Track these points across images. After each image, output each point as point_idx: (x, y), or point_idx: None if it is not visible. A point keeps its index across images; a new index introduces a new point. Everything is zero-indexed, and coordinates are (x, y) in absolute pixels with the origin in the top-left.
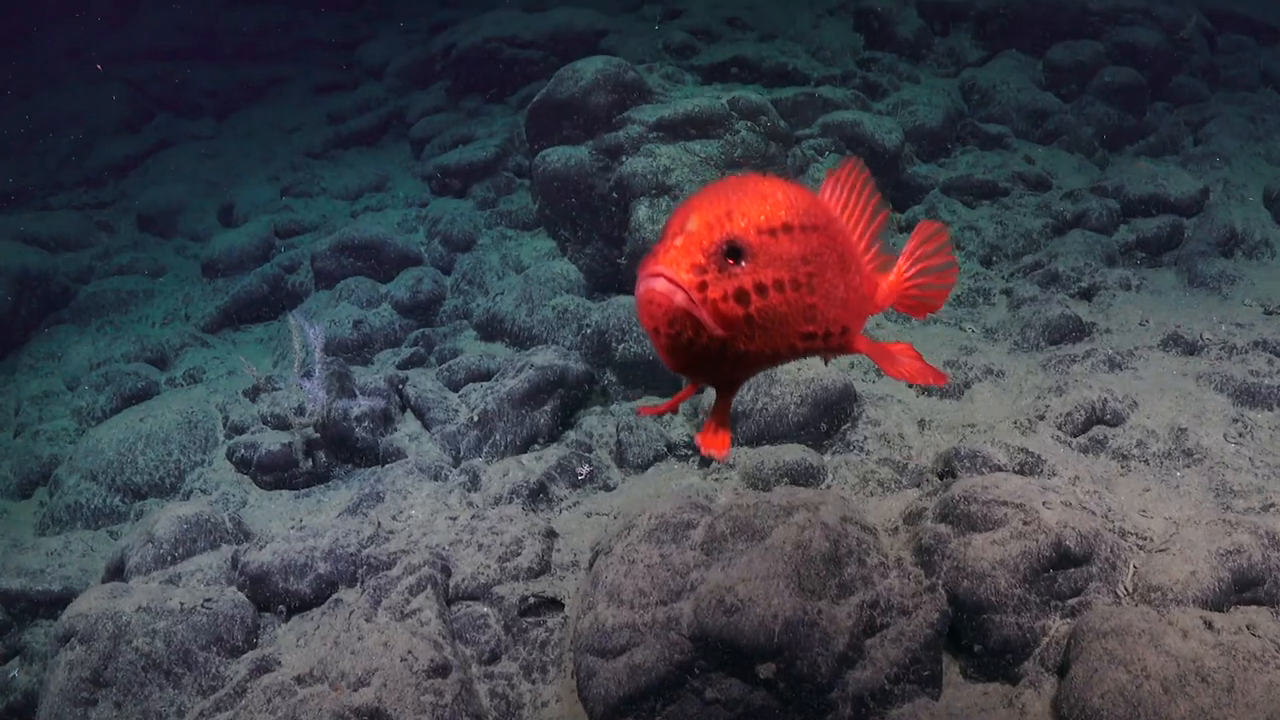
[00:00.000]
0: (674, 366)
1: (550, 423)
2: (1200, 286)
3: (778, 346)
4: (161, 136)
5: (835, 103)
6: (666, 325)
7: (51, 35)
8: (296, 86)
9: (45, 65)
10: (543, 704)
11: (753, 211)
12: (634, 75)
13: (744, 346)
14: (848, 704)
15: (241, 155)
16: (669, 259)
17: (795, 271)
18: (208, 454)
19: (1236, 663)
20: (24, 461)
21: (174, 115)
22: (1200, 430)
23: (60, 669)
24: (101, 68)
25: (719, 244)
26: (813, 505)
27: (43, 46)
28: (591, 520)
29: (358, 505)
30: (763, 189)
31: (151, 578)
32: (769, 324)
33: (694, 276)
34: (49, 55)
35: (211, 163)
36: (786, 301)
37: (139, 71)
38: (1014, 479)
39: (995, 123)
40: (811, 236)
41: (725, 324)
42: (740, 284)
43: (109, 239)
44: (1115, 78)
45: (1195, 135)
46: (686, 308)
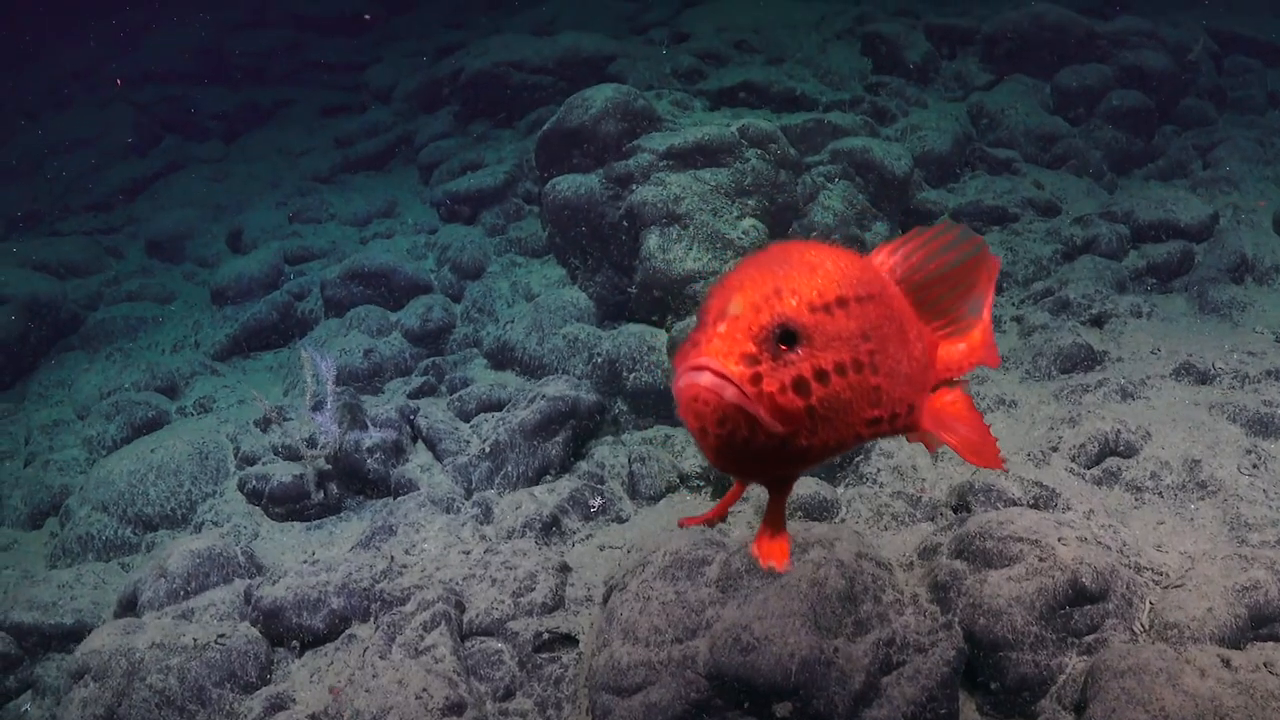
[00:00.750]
0: (724, 468)
1: (562, 453)
2: (1211, 313)
3: (842, 436)
4: (169, 159)
5: (844, 129)
6: (716, 425)
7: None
8: (303, 109)
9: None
10: None
11: (803, 287)
12: (643, 103)
13: (806, 442)
14: None
15: (249, 179)
16: (714, 349)
17: (856, 351)
18: (219, 485)
19: (1255, 702)
20: (35, 491)
21: (182, 138)
22: (1214, 462)
23: (74, 706)
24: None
25: (770, 328)
26: (828, 542)
27: (49, 69)
28: (605, 554)
29: (370, 539)
30: (809, 259)
31: (164, 613)
32: (833, 414)
33: (745, 368)
34: (55, 78)
35: (219, 186)
36: (850, 386)
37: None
38: (1029, 514)
39: (1004, 147)
40: (869, 308)
41: (785, 419)
42: (799, 372)
43: (118, 265)
44: (1123, 101)
45: (1204, 159)
46: (740, 404)
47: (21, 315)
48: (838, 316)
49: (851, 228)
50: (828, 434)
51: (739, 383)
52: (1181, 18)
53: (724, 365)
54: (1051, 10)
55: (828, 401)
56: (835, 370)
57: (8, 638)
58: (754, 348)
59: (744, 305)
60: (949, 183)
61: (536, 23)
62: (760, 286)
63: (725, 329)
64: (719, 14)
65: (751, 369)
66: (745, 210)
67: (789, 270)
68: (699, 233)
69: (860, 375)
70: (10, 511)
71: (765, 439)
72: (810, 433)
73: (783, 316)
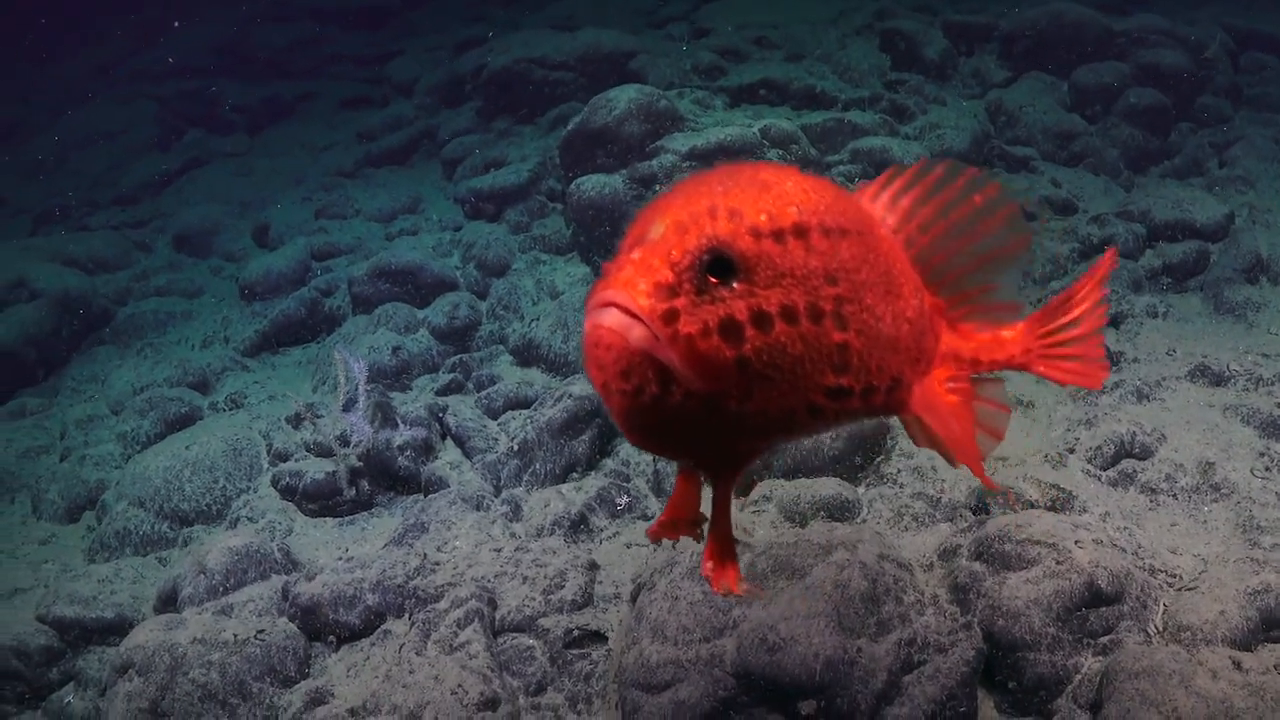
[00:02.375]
0: (639, 441)
1: (588, 451)
2: (1227, 314)
3: (790, 406)
4: (193, 154)
5: (864, 128)
6: (619, 378)
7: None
8: (325, 103)
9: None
10: None
11: (748, 207)
12: (666, 104)
13: (737, 406)
14: None
15: (273, 174)
16: (623, 279)
17: (815, 295)
18: (253, 481)
19: (1265, 703)
20: (71, 486)
21: (205, 132)
22: (1228, 465)
23: (119, 700)
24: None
25: (696, 254)
26: (850, 544)
27: (72, 65)
28: (631, 551)
29: (403, 536)
30: (764, 177)
31: (204, 609)
32: (774, 372)
33: (658, 302)
34: (78, 73)
35: (244, 181)
36: (802, 339)
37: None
38: (1047, 517)
39: (1021, 145)
40: (841, 245)
41: (707, 372)
42: (729, 312)
43: (146, 259)
44: (1140, 99)
45: (1220, 158)
46: (648, 348)
47: (54, 310)
48: (792, 248)
49: None
50: (768, 399)
51: (647, 320)
52: (1199, 15)
53: (632, 299)
54: (1070, 8)
55: (767, 354)
56: (781, 315)
57: (51, 631)
58: (672, 277)
59: (668, 226)
60: None
61: (555, 17)
62: (692, 204)
63: (640, 255)
64: (738, 9)
65: (666, 303)
66: None
67: (734, 187)
68: None
69: (818, 326)
70: (48, 505)
71: (682, 398)
72: (743, 395)
73: (714, 240)
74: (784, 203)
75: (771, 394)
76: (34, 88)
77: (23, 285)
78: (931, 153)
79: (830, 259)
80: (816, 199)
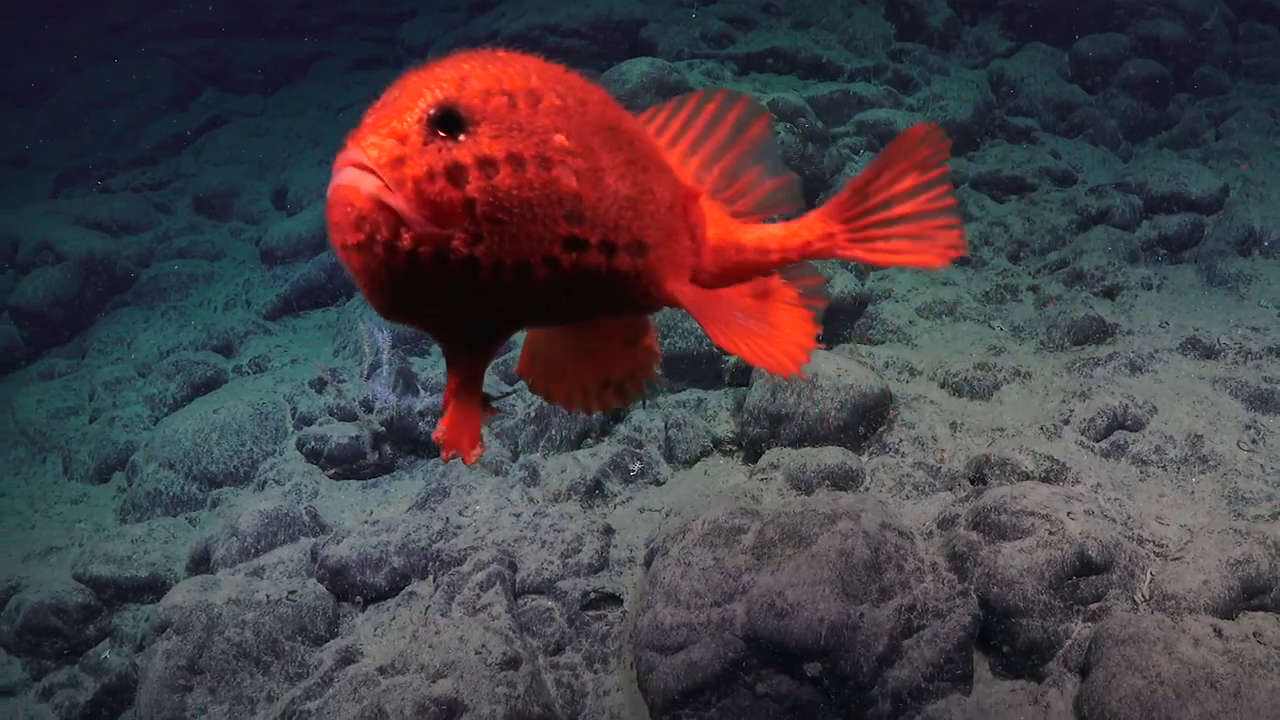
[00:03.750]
0: (381, 303)
1: (601, 418)
2: (1219, 285)
3: (525, 254)
4: (211, 113)
5: (869, 100)
6: (353, 229)
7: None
8: (339, 62)
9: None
10: (604, 693)
11: (480, 74)
12: (677, 76)
13: (467, 250)
14: (887, 700)
15: (290, 135)
16: (358, 138)
17: (543, 147)
18: (278, 444)
19: (1243, 669)
20: (101, 447)
21: (220, 91)
22: (1215, 437)
23: (158, 658)
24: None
25: (425, 109)
26: (854, 513)
27: (88, 22)
28: (645, 516)
29: (425, 500)
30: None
31: (237, 570)
32: (504, 215)
33: (391, 149)
34: (94, 31)
35: (261, 142)
36: (529, 184)
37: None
38: (1041, 489)
39: (1023, 115)
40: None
41: (435, 213)
42: (455, 157)
43: (167, 221)
44: (1139, 71)
45: (1216, 129)
46: (377, 195)
47: (79, 272)
48: (522, 107)
49: None
50: (502, 246)
51: (375, 167)
52: None
53: (363, 153)
54: None
55: (493, 195)
56: (508, 160)
57: (88, 590)
58: (402, 129)
59: (405, 89)
60: (969, 150)
61: None
62: (429, 75)
63: (374, 118)
64: None
65: (398, 150)
66: None
67: (469, 60)
68: None
69: (547, 174)
70: (79, 466)
71: (413, 244)
72: (473, 237)
73: (446, 97)
74: (521, 73)
75: (503, 240)
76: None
77: (48, 248)
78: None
79: (563, 119)
80: (554, 74)
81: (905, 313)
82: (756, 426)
